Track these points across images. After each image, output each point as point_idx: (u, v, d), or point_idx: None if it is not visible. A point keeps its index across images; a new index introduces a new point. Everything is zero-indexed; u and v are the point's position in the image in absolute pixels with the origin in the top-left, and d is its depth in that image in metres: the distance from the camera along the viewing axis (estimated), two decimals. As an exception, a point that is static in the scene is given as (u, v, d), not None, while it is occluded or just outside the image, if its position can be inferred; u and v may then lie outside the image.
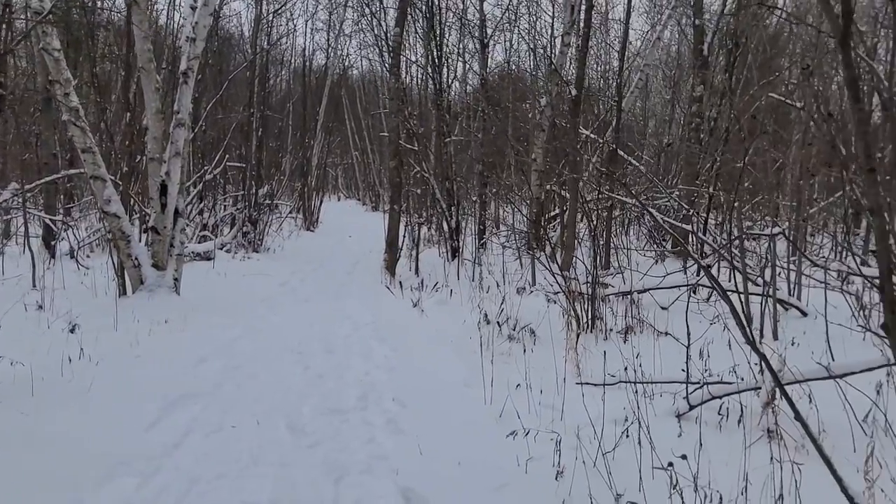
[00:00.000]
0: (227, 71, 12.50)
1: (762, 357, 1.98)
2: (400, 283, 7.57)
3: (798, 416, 1.94)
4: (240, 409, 4.05)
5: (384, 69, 12.48)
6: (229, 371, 4.78)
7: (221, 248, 10.37)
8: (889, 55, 9.06)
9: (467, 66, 13.24)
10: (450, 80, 11.15)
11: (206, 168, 10.21)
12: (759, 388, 3.78)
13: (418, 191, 10.04)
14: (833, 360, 4.14)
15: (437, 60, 9.59)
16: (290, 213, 15.57)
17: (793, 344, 4.89)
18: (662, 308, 6.68)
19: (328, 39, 20.83)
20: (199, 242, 10.18)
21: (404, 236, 8.53)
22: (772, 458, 2.80)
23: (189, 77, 7.04)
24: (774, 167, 11.05)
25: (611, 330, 5.75)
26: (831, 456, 3.41)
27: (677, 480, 2.64)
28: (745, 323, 2.02)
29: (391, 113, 7.95)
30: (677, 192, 9.31)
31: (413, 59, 13.86)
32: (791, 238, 6.39)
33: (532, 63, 12.87)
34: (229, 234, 10.93)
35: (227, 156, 10.75)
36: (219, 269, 8.91)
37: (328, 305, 7.19)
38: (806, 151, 10.07)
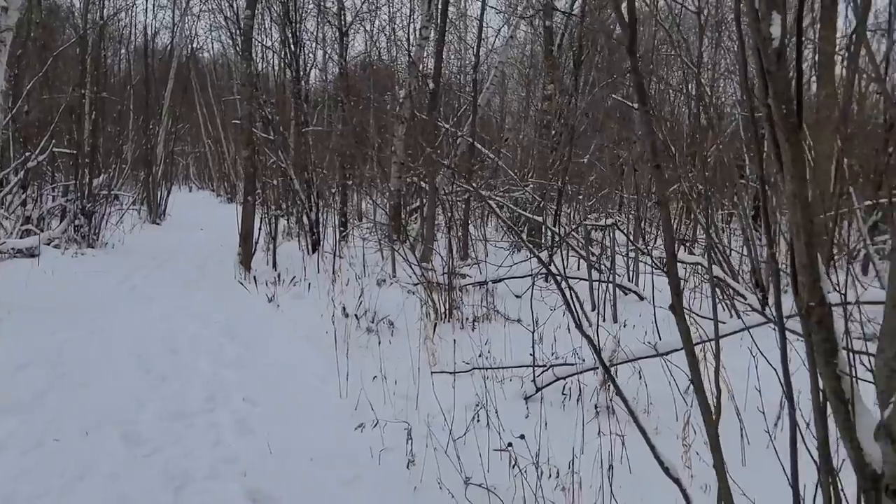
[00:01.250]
0: (53, 47, 11.24)
1: (587, 339, 2.11)
2: (255, 277, 7.27)
3: (618, 392, 2.10)
4: (66, 421, 3.66)
5: (237, 53, 11.89)
6: (54, 380, 4.32)
7: (49, 244, 9.34)
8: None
9: (327, 54, 13.02)
10: (308, 68, 10.87)
11: (28, 154, 9.12)
12: (597, 367, 4.07)
13: (275, 182, 9.69)
14: (660, 338, 4.54)
15: (293, 47, 9.29)
16: (133, 204, 14.37)
17: (624, 325, 5.31)
18: (517, 296, 6.99)
19: (173, 18, 19.48)
20: (20, 237, 9.09)
21: (260, 229, 8.19)
22: (599, 432, 3.01)
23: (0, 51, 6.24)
24: (617, 163, 11.98)
25: (466, 319, 5.91)
26: (656, 426, 3.77)
27: (516, 459, 2.77)
28: (573, 308, 2.15)
29: (243, 99, 7.60)
30: (531, 185, 9.78)
31: (268, 43, 13.35)
32: (622, 228, 6.94)
33: (392, 55, 12.93)
34: (58, 228, 9.87)
35: (54, 141, 9.66)
36: (45, 266, 8.02)
37: (174, 303, 6.73)
38: (642, 149, 11.01)
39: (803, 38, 1.93)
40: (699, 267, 6.59)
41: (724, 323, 4.42)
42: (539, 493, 2.71)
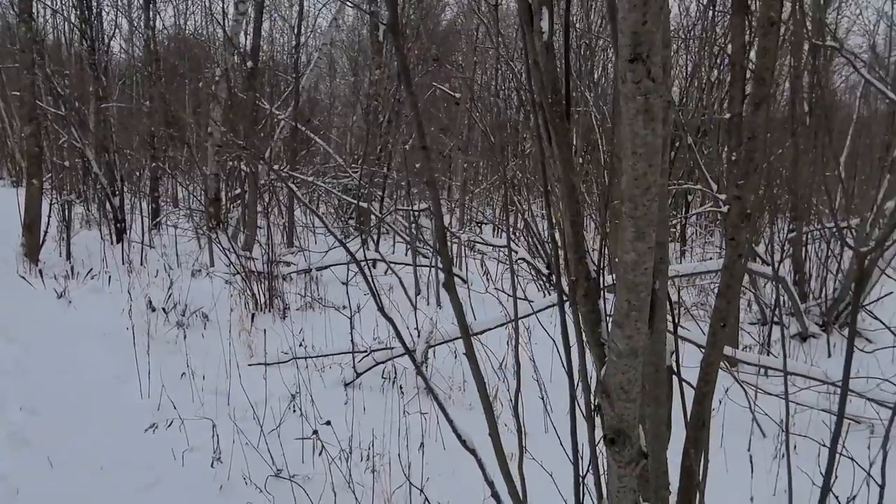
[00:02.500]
0: None
1: (390, 322, 2.12)
2: (40, 271, 6.42)
3: (419, 372, 2.14)
4: None
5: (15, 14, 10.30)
6: None
7: None
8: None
9: (134, 23, 11.80)
10: (108, 38, 9.76)
11: None
12: (415, 350, 4.15)
13: (66, 163, 8.60)
14: (475, 319, 4.75)
15: (87, 11, 8.26)
16: None
17: (439, 307, 5.48)
18: (343, 283, 6.92)
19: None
20: None
21: (50, 216, 7.25)
22: (403, 413, 3.08)
23: None
24: (447, 151, 12.31)
25: (288, 308, 5.73)
26: (470, 402, 3.94)
27: (323, 447, 2.73)
28: (375, 293, 2.14)
29: (23, 68, 6.64)
30: (360, 172, 9.71)
31: (56, 5, 11.73)
32: (436, 213, 7.14)
33: (208, 30, 12.06)
34: None
35: None
36: None
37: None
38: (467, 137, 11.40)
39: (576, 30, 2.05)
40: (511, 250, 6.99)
41: (532, 301, 4.73)
42: (350, 478, 2.70)
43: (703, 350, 3.69)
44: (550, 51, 1.65)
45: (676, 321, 1.71)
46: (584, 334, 1.68)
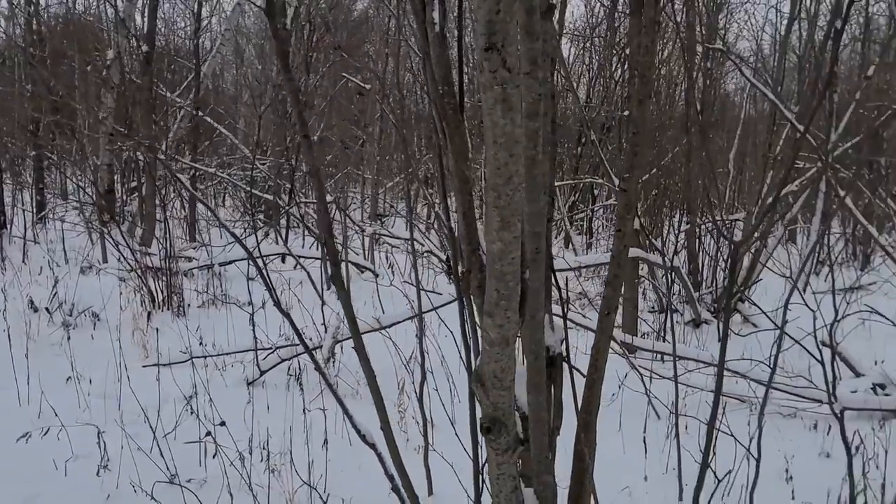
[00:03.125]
0: None
1: (287, 318, 2.06)
2: None
3: (318, 368, 2.09)
4: None
5: None
6: None
7: None
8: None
9: (14, 2, 10.82)
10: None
11: None
12: (321, 346, 4.07)
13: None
14: (384, 312, 4.72)
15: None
16: None
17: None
18: (250, 279, 6.70)
19: None
20: None
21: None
22: (304, 409, 3.02)
23: None
24: (359, 143, 12.15)
25: (188, 305, 5.48)
26: (369, 398, 3.91)
27: (217, 449, 2.63)
28: (271, 287, 2.07)
29: None
30: (268, 163, 9.42)
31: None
32: (341, 207, 7.07)
33: (99, 9, 11.27)
34: None
35: None
36: None
37: None
38: (380, 129, 11.31)
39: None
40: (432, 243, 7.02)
41: (441, 294, 4.75)
42: (249, 479, 2.61)
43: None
44: (443, 42, 1.64)
45: (566, 309, 1.76)
46: (477, 325, 1.69)
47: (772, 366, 2.41)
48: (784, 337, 3.86)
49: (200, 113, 8.43)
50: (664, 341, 5.23)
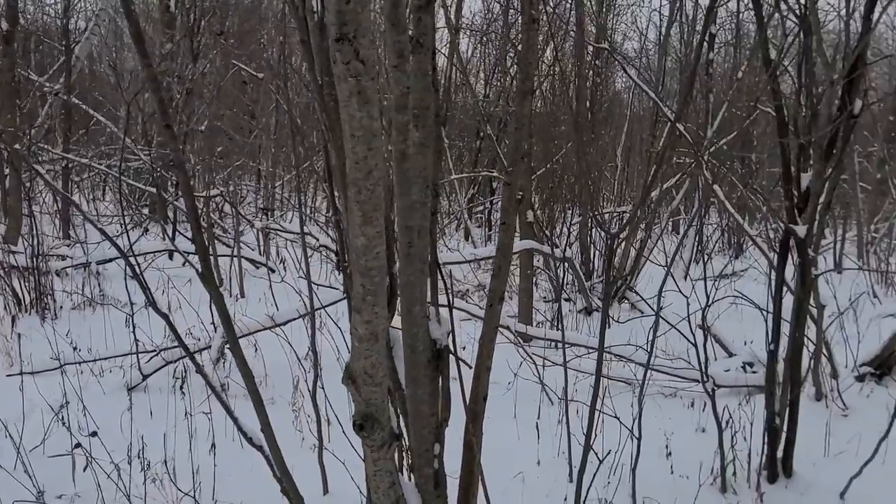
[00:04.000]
0: None
1: (165, 318, 1.94)
2: None
3: (199, 370, 1.99)
4: None
5: None
6: None
7: None
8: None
9: None
10: None
11: None
12: (208, 347, 3.89)
13: None
14: (278, 309, 4.58)
15: None
16: None
17: (238, 298, 5.22)
18: (130, 278, 6.30)
19: None
20: None
21: None
22: (187, 413, 2.88)
23: None
24: (252, 135, 11.69)
25: (60, 307, 5.07)
26: (272, 397, 3.79)
27: (88, 461, 2.45)
28: (145, 286, 1.94)
29: None
30: (152, 153, 8.85)
31: None
32: (229, 199, 6.81)
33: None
34: None
35: None
36: None
37: None
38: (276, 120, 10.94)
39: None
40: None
41: (337, 289, 4.67)
42: (128, 490, 2.45)
43: (501, 328, 3.89)
44: (323, 31, 1.59)
45: (452, 301, 1.77)
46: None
47: (649, 349, 2.55)
48: (679, 322, 4.11)
49: (73, 99, 7.79)
50: (557, 329, 5.43)
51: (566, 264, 5.36)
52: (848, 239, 10.35)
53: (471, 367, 1.80)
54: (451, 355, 1.73)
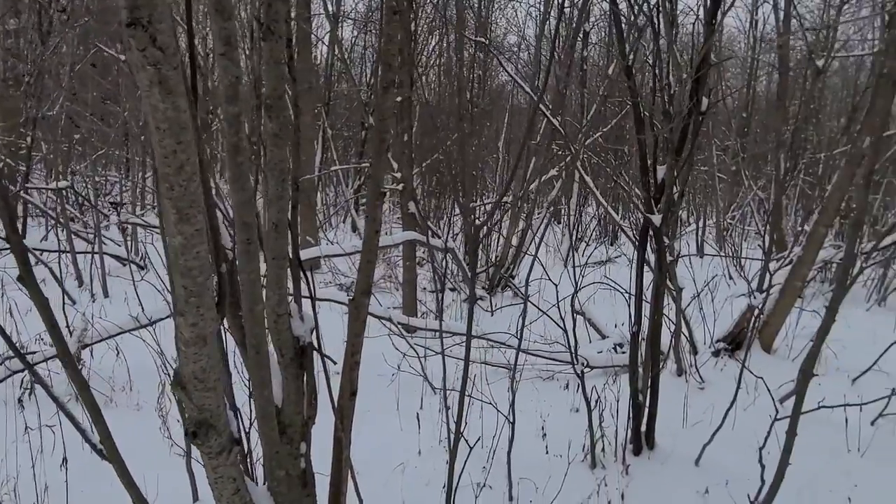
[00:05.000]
0: None
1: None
2: None
3: (38, 381, 1.81)
4: None
5: None
6: None
7: None
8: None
9: None
10: None
11: None
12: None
13: None
14: (143, 309, 4.29)
15: None
16: None
17: (106, 297, 4.86)
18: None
19: None
20: None
21: None
22: (27, 428, 2.66)
23: None
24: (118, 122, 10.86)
25: None
26: (137, 402, 3.56)
27: None
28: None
29: None
30: None
31: None
32: (79, 191, 6.34)
33: None
34: None
35: None
36: None
37: None
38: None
39: None
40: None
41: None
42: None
43: (382, 320, 3.85)
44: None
45: (314, 296, 1.73)
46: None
47: (519, 335, 2.63)
48: (550, 308, 4.25)
49: None
50: (442, 320, 5.50)
51: (447, 255, 5.44)
52: (709, 226, 11.27)
53: (335, 363, 1.77)
54: (315, 352, 1.70)
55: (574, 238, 9.56)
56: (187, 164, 0.77)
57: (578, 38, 6.73)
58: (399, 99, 4.60)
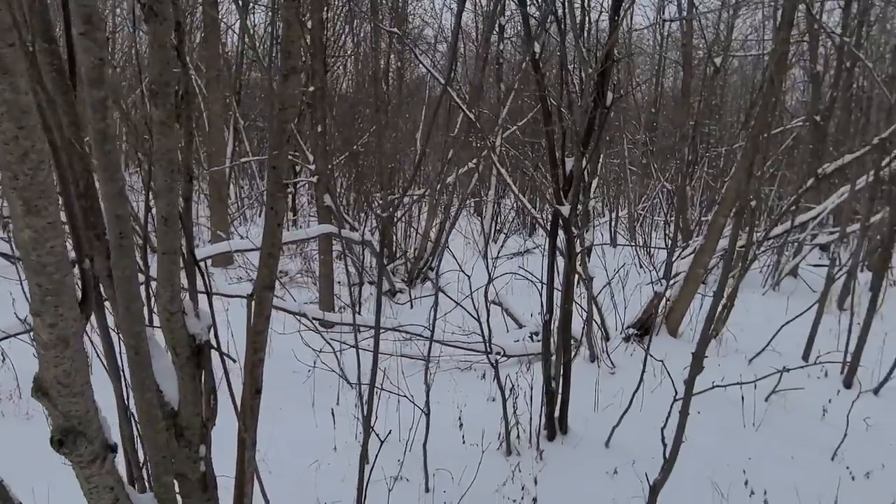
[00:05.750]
0: None
1: None
2: None
3: None
4: None
5: None
6: None
7: None
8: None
9: None
10: None
11: None
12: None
13: None
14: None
15: None
16: None
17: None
18: None
19: None
20: None
21: None
22: None
23: None
24: None
25: None
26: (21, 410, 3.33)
27: None
28: None
29: None
30: None
31: None
32: None
33: None
34: None
35: None
36: None
37: None
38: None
39: None
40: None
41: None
42: None
43: (297, 316, 3.75)
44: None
45: (210, 291, 1.66)
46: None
47: (431, 326, 2.64)
48: (463, 299, 4.28)
49: None
50: (360, 314, 5.44)
51: (364, 247, 5.38)
52: (621, 217, 11.72)
53: (235, 361, 1.71)
54: (213, 350, 1.63)
55: (493, 230, 9.70)
56: (32, 152, 0.71)
57: (494, 32, 6.80)
58: (311, 89, 4.50)
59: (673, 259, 5.62)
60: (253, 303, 1.82)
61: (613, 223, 10.97)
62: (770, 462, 3.25)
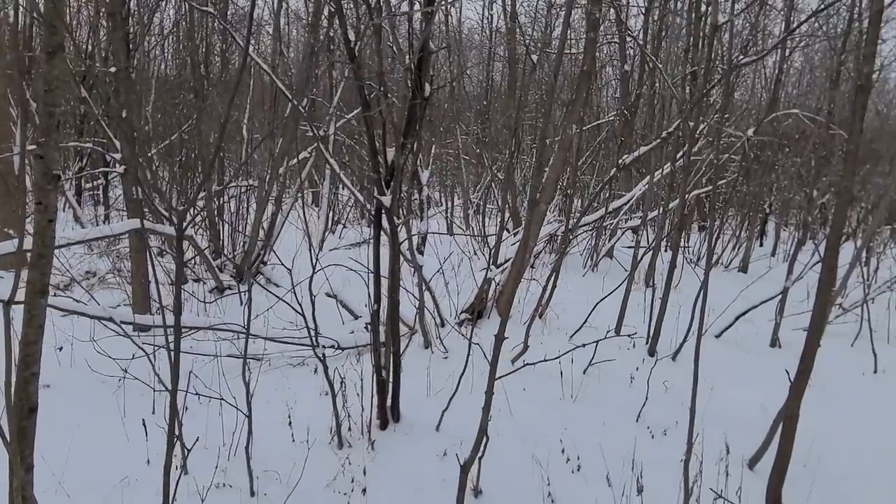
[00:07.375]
0: None
1: None
2: None
3: None
4: None
5: None
6: None
7: None
8: None
9: None
10: None
11: None
12: None
13: None
14: None
15: None
16: None
17: None
18: None
19: None
20: None
21: None
22: None
23: None
24: None
25: None
26: None
27: None
28: None
29: None
30: None
31: None
32: None
33: None
34: None
35: None
36: None
37: None
38: None
39: None
40: None
41: None
42: None
43: (103, 321, 3.39)
44: None
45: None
46: None
47: (246, 323, 2.52)
48: (286, 293, 4.14)
49: None
50: (190, 311, 5.08)
51: (181, 242, 5.00)
52: (457, 206, 12.08)
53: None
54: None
55: (331, 220, 9.53)
56: None
57: (324, 16, 6.62)
58: (113, 69, 4.07)
59: (500, 245, 5.89)
60: (23, 311, 1.61)
61: (449, 212, 11.27)
62: (584, 429, 3.52)
